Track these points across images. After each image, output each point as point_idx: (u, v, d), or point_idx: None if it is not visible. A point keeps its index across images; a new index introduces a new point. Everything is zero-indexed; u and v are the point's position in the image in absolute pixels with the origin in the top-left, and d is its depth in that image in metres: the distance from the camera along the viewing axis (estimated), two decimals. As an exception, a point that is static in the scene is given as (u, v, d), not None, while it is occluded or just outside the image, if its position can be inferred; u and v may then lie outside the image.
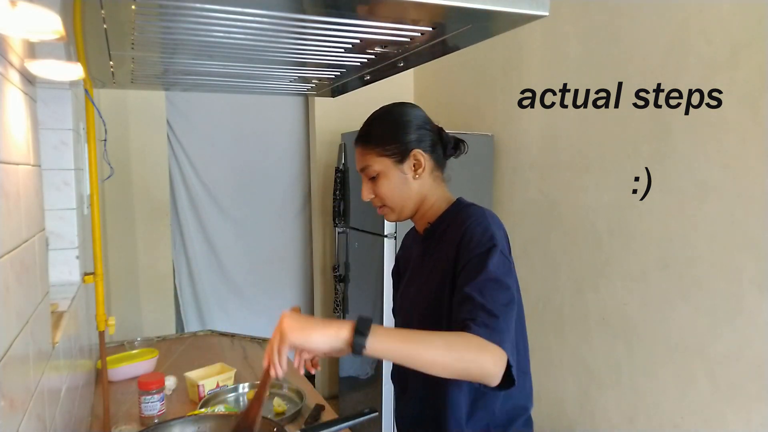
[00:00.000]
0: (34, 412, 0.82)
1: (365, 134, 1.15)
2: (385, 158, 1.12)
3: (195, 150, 3.49)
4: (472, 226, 1.07)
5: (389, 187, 1.14)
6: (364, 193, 1.17)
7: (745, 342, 1.67)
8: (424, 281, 1.18)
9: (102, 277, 1.53)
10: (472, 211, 1.13)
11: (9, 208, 0.77)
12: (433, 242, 1.18)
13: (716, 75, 1.73)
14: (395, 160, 1.13)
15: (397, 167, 1.13)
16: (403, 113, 1.16)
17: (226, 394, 1.62)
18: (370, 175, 1.14)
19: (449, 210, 1.18)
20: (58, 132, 1.51)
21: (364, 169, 1.15)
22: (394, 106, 1.18)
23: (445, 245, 1.13)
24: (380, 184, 1.14)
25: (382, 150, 1.12)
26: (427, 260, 1.19)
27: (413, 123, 1.15)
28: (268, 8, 0.75)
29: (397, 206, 1.16)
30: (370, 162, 1.13)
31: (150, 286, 3.20)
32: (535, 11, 0.74)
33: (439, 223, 1.18)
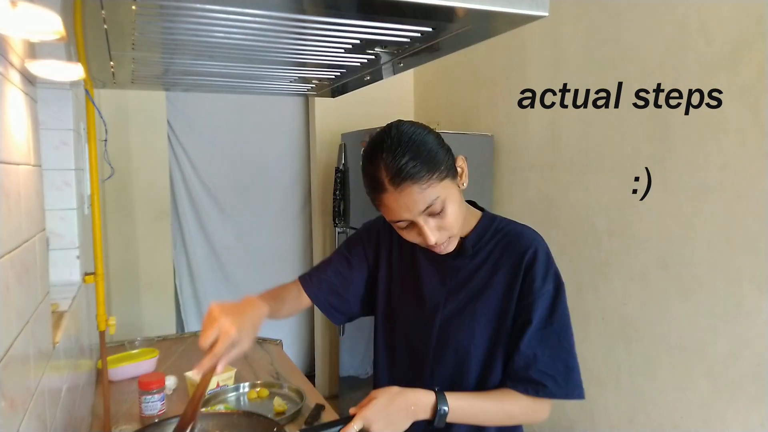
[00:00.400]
0: (35, 412, 0.82)
1: (411, 166, 0.92)
2: (445, 180, 0.95)
3: (195, 150, 3.49)
4: (538, 252, 1.03)
5: (456, 212, 0.98)
6: (431, 237, 0.96)
7: (745, 342, 1.67)
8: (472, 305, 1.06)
9: (102, 277, 1.53)
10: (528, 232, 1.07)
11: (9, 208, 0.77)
12: (477, 260, 1.07)
13: (716, 75, 1.73)
14: (452, 177, 0.98)
15: (455, 183, 0.98)
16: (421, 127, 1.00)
17: (226, 394, 1.63)
18: (438, 209, 0.94)
19: (485, 223, 1.09)
20: (58, 132, 1.51)
21: (428, 207, 0.94)
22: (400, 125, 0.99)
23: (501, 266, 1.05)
24: (447, 214, 0.96)
25: (439, 173, 0.94)
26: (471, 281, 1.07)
27: (436, 133, 1.02)
28: (269, 8, 0.75)
29: (459, 229, 1.01)
30: (433, 194, 0.93)
31: (150, 286, 3.20)
32: (535, 11, 0.74)
33: (476, 239, 1.07)
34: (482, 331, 1.05)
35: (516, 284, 1.03)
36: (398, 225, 0.99)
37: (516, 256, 1.03)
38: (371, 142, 0.98)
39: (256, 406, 1.58)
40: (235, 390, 1.65)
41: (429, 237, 0.96)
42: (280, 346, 2.21)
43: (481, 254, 1.07)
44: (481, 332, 1.05)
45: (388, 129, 0.98)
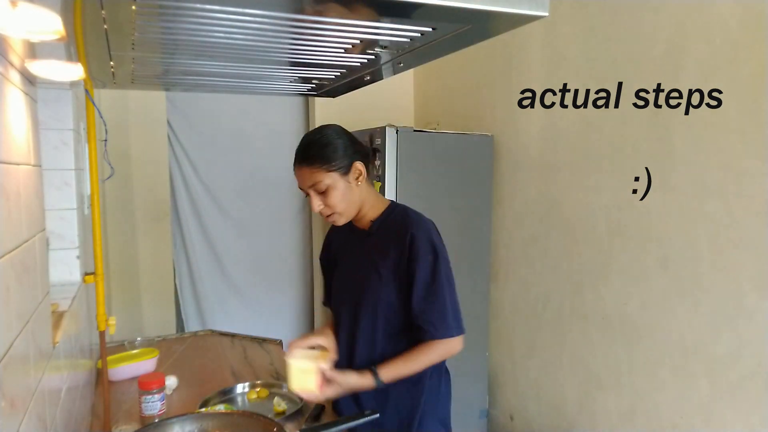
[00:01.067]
0: (35, 412, 0.82)
1: (309, 157, 1.31)
2: (332, 173, 1.31)
3: (195, 150, 3.49)
4: (416, 235, 1.35)
5: (339, 197, 1.33)
6: (315, 206, 1.34)
7: (745, 342, 1.67)
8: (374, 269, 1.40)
9: (102, 277, 1.53)
10: (412, 215, 1.41)
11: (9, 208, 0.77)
12: (380, 237, 1.41)
13: (716, 75, 1.73)
14: (341, 173, 1.32)
15: (343, 178, 1.33)
16: (340, 134, 1.37)
17: (226, 394, 1.63)
18: (320, 189, 1.31)
19: (389, 210, 1.43)
20: (58, 132, 1.51)
21: (313, 185, 1.32)
22: (327, 128, 1.37)
23: (394, 241, 1.37)
24: (331, 196, 1.32)
25: (329, 167, 1.30)
26: (375, 252, 1.40)
27: (351, 140, 1.38)
28: (269, 8, 0.75)
29: (345, 211, 1.36)
30: (318, 178, 1.31)
31: (150, 286, 3.20)
32: (535, 12, 0.74)
33: (382, 221, 1.42)
34: (384, 289, 1.39)
35: (404, 256, 1.35)
36: (303, 191, 1.36)
37: (402, 234, 1.36)
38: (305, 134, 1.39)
39: (256, 406, 1.58)
40: (235, 390, 1.65)
41: (312, 205, 1.34)
42: (280, 346, 2.21)
43: (383, 233, 1.41)
44: (384, 290, 1.39)
45: (321, 129, 1.37)
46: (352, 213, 1.40)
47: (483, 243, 2.83)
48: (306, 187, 1.34)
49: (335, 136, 1.36)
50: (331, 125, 1.40)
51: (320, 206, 1.35)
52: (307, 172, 1.32)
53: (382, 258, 1.39)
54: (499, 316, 2.84)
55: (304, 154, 1.33)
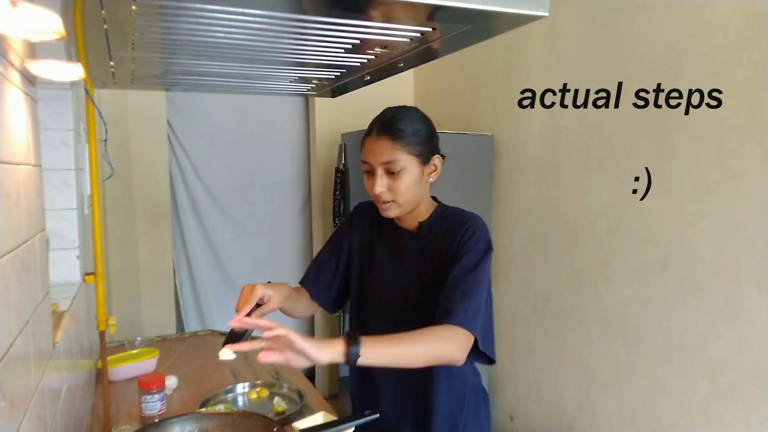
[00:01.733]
0: (35, 412, 0.82)
1: (398, 129, 1.16)
2: (413, 157, 1.18)
3: (195, 150, 3.49)
4: (475, 226, 1.23)
5: (409, 184, 1.19)
6: (378, 186, 1.18)
7: (745, 342, 1.67)
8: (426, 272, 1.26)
9: (102, 277, 1.53)
10: (467, 212, 1.29)
11: (9, 208, 0.77)
12: (432, 239, 1.27)
13: (716, 75, 1.73)
14: (421, 161, 1.20)
15: (420, 168, 1.20)
16: (428, 120, 1.24)
17: (226, 394, 1.63)
18: (394, 169, 1.17)
19: (439, 211, 1.31)
20: (58, 132, 1.51)
21: (389, 162, 1.16)
22: (417, 111, 1.23)
23: (448, 238, 1.24)
24: (401, 180, 1.18)
25: (413, 148, 1.17)
26: (426, 254, 1.27)
27: (435, 131, 1.26)
28: (269, 8, 0.75)
29: (406, 203, 1.22)
30: (398, 157, 1.16)
31: (150, 286, 3.20)
32: (535, 12, 0.74)
33: (433, 222, 1.28)
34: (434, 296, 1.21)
35: (455, 245, 1.22)
36: (364, 167, 1.21)
37: (457, 228, 1.24)
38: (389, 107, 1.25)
39: (256, 406, 1.58)
40: (235, 390, 1.65)
41: (376, 185, 1.18)
42: (280, 346, 2.21)
43: (435, 235, 1.28)
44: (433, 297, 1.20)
45: (410, 107, 1.24)
46: (410, 207, 1.25)
47: (483, 243, 2.83)
48: (377, 163, 1.17)
49: (424, 120, 1.22)
50: (416, 108, 1.25)
51: (383, 189, 1.18)
52: (388, 145, 1.16)
53: (435, 259, 1.25)
54: (499, 316, 2.84)
55: (389, 126, 1.17)
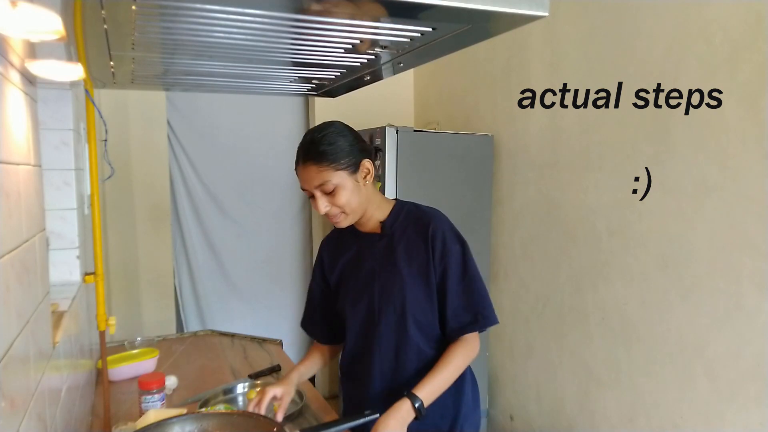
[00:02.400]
0: (35, 412, 0.82)
1: (319, 152, 1.23)
2: (341, 171, 1.24)
3: (195, 150, 3.49)
4: (439, 225, 1.32)
5: (347, 196, 1.26)
6: (321, 207, 1.26)
7: (745, 342, 1.67)
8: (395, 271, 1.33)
9: (102, 277, 1.53)
10: (426, 209, 1.37)
11: (9, 208, 0.77)
12: (396, 237, 1.35)
13: (716, 75, 1.73)
14: (350, 172, 1.26)
15: (351, 177, 1.26)
16: (346, 130, 1.29)
17: (226, 394, 1.63)
18: (328, 189, 1.24)
19: (398, 209, 1.37)
20: (58, 132, 1.51)
21: (321, 185, 1.24)
22: (331, 126, 1.29)
23: (414, 239, 1.33)
24: (339, 195, 1.25)
25: (337, 165, 1.23)
26: (393, 253, 1.34)
27: (357, 137, 1.30)
28: (269, 8, 0.75)
29: (354, 211, 1.29)
30: (327, 177, 1.23)
31: (150, 286, 3.20)
32: (535, 12, 0.74)
33: (394, 220, 1.36)
34: (412, 289, 1.32)
35: (428, 251, 1.31)
36: (306, 192, 1.28)
37: (422, 230, 1.32)
38: (307, 132, 1.31)
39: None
40: (235, 390, 1.65)
41: (318, 206, 1.26)
42: (280, 346, 2.21)
43: (397, 233, 1.35)
44: (412, 290, 1.32)
45: (328, 124, 1.29)
46: (359, 213, 1.32)
47: (483, 243, 2.83)
48: (312, 188, 1.26)
49: (341, 133, 1.28)
50: (335, 122, 1.31)
51: (327, 207, 1.26)
52: (314, 171, 1.23)
53: (403, 258, 1.32)
54: (499, 316, 2.84)
55: (310, 152, 1.25)
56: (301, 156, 1.27)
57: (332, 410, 1.56)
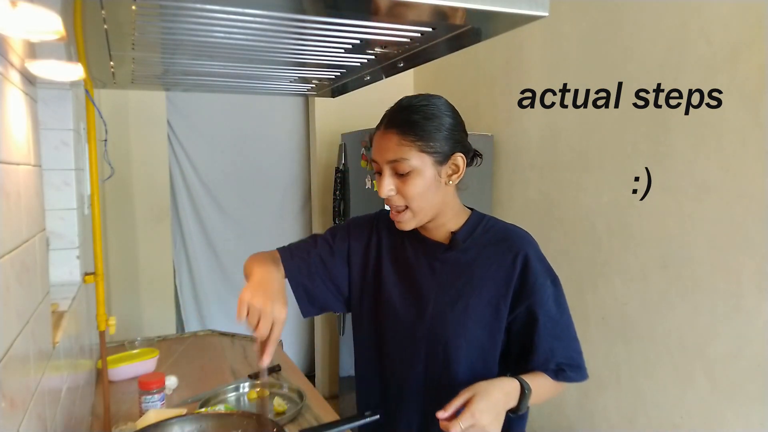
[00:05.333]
0: (35, 412, 0.82)
1: (407, 122, 0.99)
2: (426, 155, 0.99)
3: (195, 150, 3.49)
4: (529, 254, 1.06)
5: (421, 188, 1.00)
6: (385, 187, 1.01)
7: (745, 342, 1.67)
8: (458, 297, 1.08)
9: (102, 277, 1.53)
10: (513, 228, 1.12)
11: (9, 208, 0.77)
12: (469, 255, 1.09)
13: (716, 75, 1.73)
14: (436, 160, 1.01)
15: (435, 168, 1.01)
16: (451, 110, 1.05)
17: (227, 394, 1.63)
18: (403, 170, 0.99)
19: (474, 221, 1.12)
20: (58, 132, 1.51)
21: (396, 161, 0.99)
22: (438, 100, 1.05)
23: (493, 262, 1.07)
24: (412, 183, 1.00)
25: (425, 145, 0.99)
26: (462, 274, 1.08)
27: (461, 125, 1.06)
28: (269, 8, 0.75)
29: (421, 210, 1.04)
30: (407, 155, 0.98)
31: (150, 286, 3.20)
32: (535, 12, 0.74)
33: (469, 233, 1.10)
34: (474, 326, 1.07)
35: (510, 284, 1.05)
36: (374, 166, 1.06)
37: (509, 255, 1.06)
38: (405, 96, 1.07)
39: (256, 406, 1.58)
40: (235, 390, 1.65)
41: (383, 186, 1.01)
42: (280, 346, 2.21)
43: (472, 250, 1.09)
44: (474, 328, 1.07)
45: (433, 96, 1.06)
46: (429, 217, 1.07)
47: (483, 243, 2.83)
48: (383, 160, 1.01)
49: (446, 111, 1.04)
50: (440, 97, 1.06)
51: (392, 191, 1.01)
52: (395, 140, 0.99)
53: (473, 284, 1.07)
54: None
55: (397, 118, 1.01)
56: (386, 119, 1.03)
57: (332, 410, 1.56)
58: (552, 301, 1.06)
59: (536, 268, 1.05)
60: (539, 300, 1.05)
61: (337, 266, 1.20)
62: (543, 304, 1.05)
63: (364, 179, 2.86)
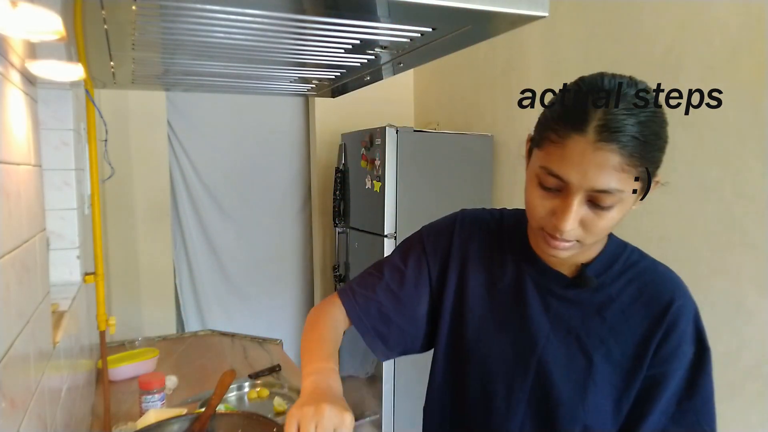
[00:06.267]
0: (35, 412, 0.82)
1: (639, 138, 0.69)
2: (639, 183, 0.73)
3: (195, 150, 3.49)
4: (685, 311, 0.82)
5: (616, 222, 0.75)
6: (569, 223, 0.71)
7: (745, 342, 1.67)
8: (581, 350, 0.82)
9: (103, 276, 1.53)
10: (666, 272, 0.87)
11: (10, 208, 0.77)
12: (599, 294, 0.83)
13: (716, 75, 1.73)
14: (644, 186, 0.74)
15: (638, 196, 0.76)
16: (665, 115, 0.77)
17: (227, 394, 1.63)
18: (609, 203, 0.71)
19: (614, 251, 0.86)
20: (58, 132, 1.51)
21: (606, 191, 0.70)
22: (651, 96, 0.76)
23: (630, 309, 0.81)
24: (608, 218, 0.73)
25: (642, 169, 0.71)
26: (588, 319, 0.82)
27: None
28: (269, 8, 0.75)
29: (594, 245, 0.79)
30: (625, 185, 0.70)
31: (150, 286, 3.20)
32: (535, 12, 0.74)
33: (604, 267, 0.84)
34: (597, 392, 0.80)
35: (651, 344, 0.79)
36: (547, 181, 0.74)
37: (656, 305, 0.80)
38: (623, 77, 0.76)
39: (256, 406, 1.58)
40: (235, 390, 1.65)
41: (565, 220, 0.71)
42: (280, 346, 2.21)
43: (606, 291, 0.82)
44: (596, 393, 0.80)
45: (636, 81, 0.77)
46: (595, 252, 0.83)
47: (483, 243, 2.83)
48: (585, 185, 0.70)
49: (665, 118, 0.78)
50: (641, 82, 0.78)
51: (575, 229, 0.73)
52: (616, 163, 0.68)
53: (603, 336, 0.81)
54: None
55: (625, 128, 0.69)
56: (599, 120, 0.69)
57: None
58: (688, 372, 0.80)
59: (685, 326, 0.81)
60: (672, 368, 0.79)
61: (412, 298, 0.94)
62: (674, 375, 0.79)
63: (364, 179, 2.86)
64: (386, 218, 2.64)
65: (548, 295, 0.85)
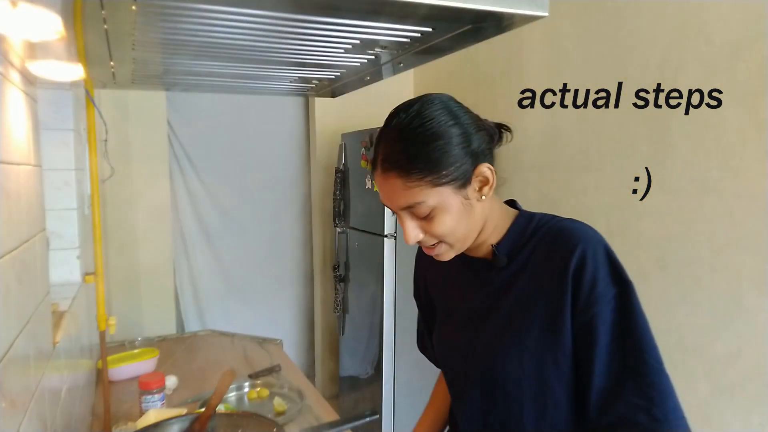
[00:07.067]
0: (35, 412, 0.82)
1: (407, 158, 0.78)
2: (443, 187, 0.79)
3: (195, 150, 3.49)
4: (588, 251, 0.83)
5: (451, 223, 0.82)
6: (411, 234, 0.83)
7: (745, 342, 1.67)
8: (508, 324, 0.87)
9: (102, 276, 1.53)
10: (568, 224, 0.88)
11: (10, 208, 0.77)
12: (514, 269, 0.88)
13: (716, 75, 1.73)
14: (457, 186, 0.81)
15: (459, 194, 0.81)
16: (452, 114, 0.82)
17: (227, 394, 1.63)
18: (422, 213, 0.81)
19: (520, 225, 0.90)
20: (58, 132, 1.51)
21: (410, 207, 0.81)
22: (432, 107, 0.82)
23: (543, 270, 0.85)
24: (438, 222, 0.81)
25: (437, 178, 0.78)
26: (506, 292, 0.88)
27: (472, 124, 0.85)
28: (269, 8, 0.75)
29: (458, 241, 0.85)
30: (419, 197, 0.79)
31: (150, 286, 3.20)
32: (535, 12, 0.74)
33: (513, 243, 0.89)
34: (532, 359, 0.84)
35: (565, 296, 0.81)
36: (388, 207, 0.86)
37: (558, 256, 0.83)
38: (394, 109, 0.85)
39: (256, 406, 1.58)
40: (235, 390, 1.65)
41: (406, 233, 0.83)
42: (280, 346, 2.21)
43: (517, 261, 0.88)
44: (532, 360, 0.84)
45: (414, 103, 0.83)
46: (469, 242, 0.88)
47: (483, 243, 2.83)
48: (395, 207, 0.83)
49: (447, 119, 0.81)
50: (437, 99, 0.84)
51: (418, 236, 0.84)
52: (399, 185, 0.79)
53: (522, 303, 0.86)
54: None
55: (394, 155, 0.80)
56: (379, 156, 0.82)
57: (332, 410, 1.56)
58: (613, 312, 0.80)
59: (594, 271, 0.81)
60: (596, 314, 0.80)
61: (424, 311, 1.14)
62: (601, 321, 0.79)
63: (364, 179, 2.86)
64: (386, 218, 2.64)
65: (474, 282, 0.94)
